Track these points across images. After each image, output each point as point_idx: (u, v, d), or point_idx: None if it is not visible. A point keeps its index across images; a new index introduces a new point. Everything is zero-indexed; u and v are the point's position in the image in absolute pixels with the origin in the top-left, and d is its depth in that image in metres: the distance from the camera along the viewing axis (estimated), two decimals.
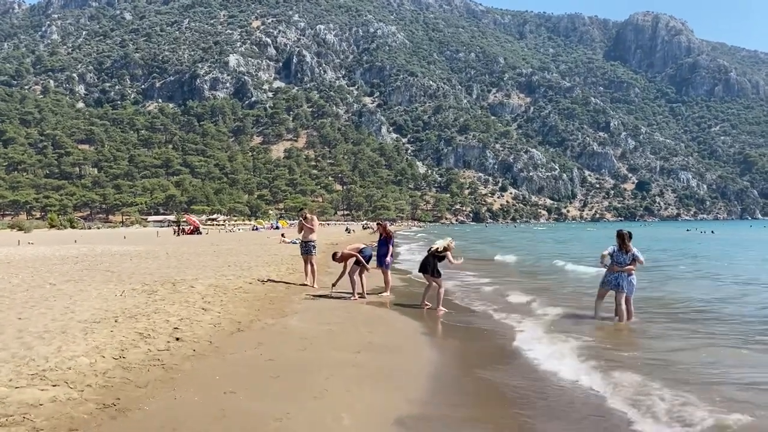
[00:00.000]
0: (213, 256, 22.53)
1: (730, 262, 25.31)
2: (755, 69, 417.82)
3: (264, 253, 25.27)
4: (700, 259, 27.43)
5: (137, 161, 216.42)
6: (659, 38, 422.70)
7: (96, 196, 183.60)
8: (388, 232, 12.83)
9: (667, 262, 24.85)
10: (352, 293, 11.92)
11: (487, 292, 13.87)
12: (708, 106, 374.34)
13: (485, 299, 12.60)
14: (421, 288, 12.01)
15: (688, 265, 23.83)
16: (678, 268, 21.80)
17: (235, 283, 12.74)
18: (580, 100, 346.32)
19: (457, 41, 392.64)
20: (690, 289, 14.90)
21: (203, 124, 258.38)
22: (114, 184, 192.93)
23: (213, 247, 30.87)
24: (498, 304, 11.87)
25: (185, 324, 8.18)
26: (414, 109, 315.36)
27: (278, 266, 17.78)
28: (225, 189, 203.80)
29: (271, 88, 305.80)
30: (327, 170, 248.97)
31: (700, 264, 24.32)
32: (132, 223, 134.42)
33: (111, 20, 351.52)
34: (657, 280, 16.34)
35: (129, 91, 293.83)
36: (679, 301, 12.53)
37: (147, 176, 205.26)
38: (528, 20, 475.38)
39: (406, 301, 11.81)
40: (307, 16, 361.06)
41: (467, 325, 9.64)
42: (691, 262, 25.87)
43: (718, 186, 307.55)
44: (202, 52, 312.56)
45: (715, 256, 30.46)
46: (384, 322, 9.75)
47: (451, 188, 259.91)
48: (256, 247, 30.11)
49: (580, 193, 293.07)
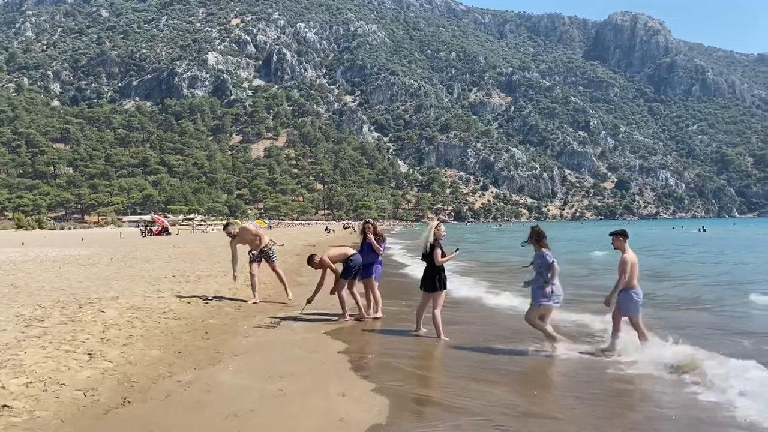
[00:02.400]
0: (164, 261, 20.07)
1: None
2: (731, 69, 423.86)
3: (228, 257, 22.64)
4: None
5: (114, 160, 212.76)
6: (638, 38, 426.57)
7: (71, 196, 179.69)
8: (377, 234, 9.79)
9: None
10: (341, 314, 9.50)
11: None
12: (685, 105, 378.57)
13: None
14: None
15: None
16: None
17: (168, 303, 10.17)
18: (560, 100, 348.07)
19: (438, 40, 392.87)
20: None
21: (181, 123, 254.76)
22: (90, 184, 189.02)
23: (172, 250, 28.51)
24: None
25: (34, 390, 5.10)
26: (395, 108, 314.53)
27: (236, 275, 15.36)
28: (203, 188, 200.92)
29: (251, 86, 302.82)
30: (308, 169, 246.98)
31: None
32: (107, 223, 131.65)
33: (87, 17, 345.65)
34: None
35: (105, 89, 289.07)
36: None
37: (124, 176, 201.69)
38: (508, 20, 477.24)
39: (406, 327, 8.85)
40: (287, 14, 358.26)
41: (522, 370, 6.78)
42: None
43: (696, 185, 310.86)
44: (181, 49, 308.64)
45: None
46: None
47: (433, 187, 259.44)
48: (222, 250, 27.56)
49: (561, 191, 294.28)
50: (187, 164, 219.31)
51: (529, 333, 7.85)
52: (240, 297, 11.65)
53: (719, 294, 14.06)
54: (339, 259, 9.65)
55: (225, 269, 16.09)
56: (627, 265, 7.13)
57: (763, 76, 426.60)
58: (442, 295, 8.25)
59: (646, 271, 16.20)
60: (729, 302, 12.65)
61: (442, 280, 8.18)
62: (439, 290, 8.14)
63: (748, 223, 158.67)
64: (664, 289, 15.04)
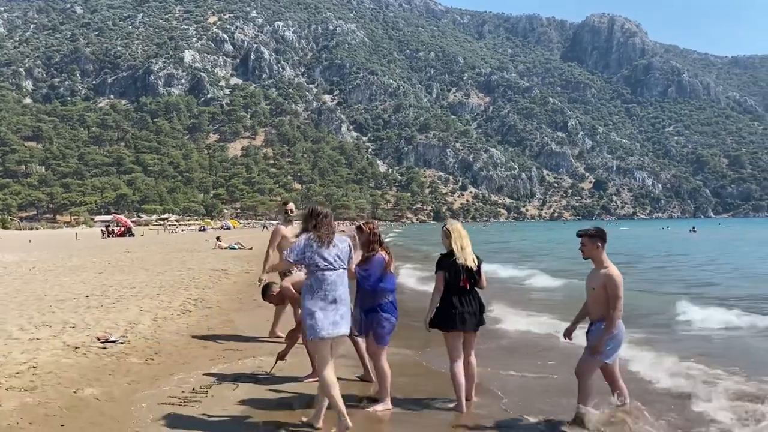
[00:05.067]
0: (97, 271, 17.18)
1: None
2: (706, 71, 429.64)
3: (181, 264, 19.97)
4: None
5: (87, 159, 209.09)
6: (615, 40, 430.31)
7: (43, 196, 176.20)
8: (384, 249, 5.67)
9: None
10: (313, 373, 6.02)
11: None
12: (662, 106, 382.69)
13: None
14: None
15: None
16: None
17: (39, 352, 6.79)
18: (538, 100, 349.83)
19: (417, 40, 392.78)
20: None
21: (157, 121, 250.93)
22: (62, 183, 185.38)
23: (121, 254, 25.67)
24: None
25: None
26: (374, 108, 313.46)
27: (174, 294, 11.79)
28: (179, 188, 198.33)
29: (228, 84, 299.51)
30: (286, 169, 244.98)
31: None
32: (78, 223, 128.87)
33: (61, 14, 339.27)
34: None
35: (79, 87, 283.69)
36: None
37: (97, 175, 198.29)
38: (487, 20, 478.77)
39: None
40: (265, 12, 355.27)
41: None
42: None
43: (672, 185, 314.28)
44: (157, 47, 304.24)
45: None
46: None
47: (412, 187, 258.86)
48: (180, 255, 25.06)
49: (539, 192, 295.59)
50: (162, 163, 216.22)
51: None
52: (166, 333, 8.17)
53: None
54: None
55: (165, 283, 13.35)
56: (621, 289, 4.87)
57: (737, 79, 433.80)
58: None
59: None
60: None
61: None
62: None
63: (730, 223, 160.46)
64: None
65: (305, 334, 5.00)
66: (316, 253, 4.67)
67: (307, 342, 5.21)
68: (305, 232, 4.77)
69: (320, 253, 4.67)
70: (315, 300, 4.58)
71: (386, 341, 5.46)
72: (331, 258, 4.67)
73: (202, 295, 11.72)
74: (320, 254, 4.67)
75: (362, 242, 5.55)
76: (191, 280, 13.11)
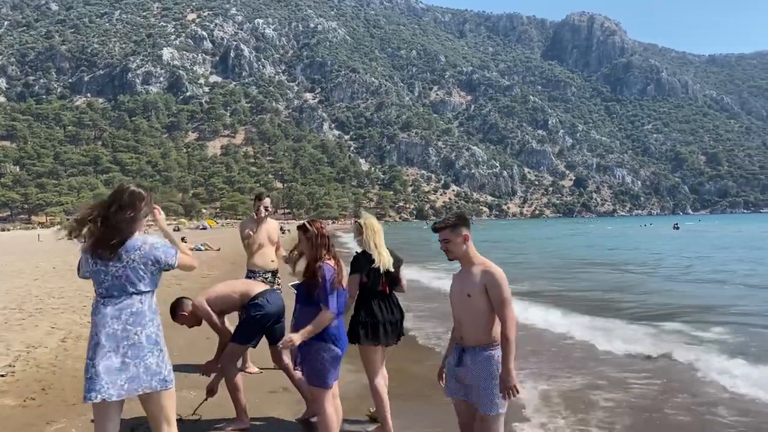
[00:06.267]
0: (34, 277, 15.56)
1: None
2: (684, 69, 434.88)
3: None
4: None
5: (63, 159, 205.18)
6: (594, 38, 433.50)
7: (17, 196, 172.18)
8: (332, 257, 4.23)
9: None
10: (238, 417, 4.89)
11: None
12: (641, 104, 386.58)
13: None
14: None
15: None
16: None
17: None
18: (519, 99, 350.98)
19: (399, 38, 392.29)
20: None
21: (135, 120, 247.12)
22: (37, 183, 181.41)
23: (76, 258, 21.15)
24: None
25: None
26: (356, 106, 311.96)
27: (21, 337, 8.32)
28: (158, 187, 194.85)
29: (208, 82, 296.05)
30: (266, 167, 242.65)
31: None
32: (54, 224, 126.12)
33: (35, 10, 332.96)
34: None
35: (55, 85, 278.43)
36: None
37: (74, 174, 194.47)
38: (468, 19, 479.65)
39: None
40: (244, 9, 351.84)
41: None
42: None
43: (651, 182, 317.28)
44: (134, 45, 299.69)
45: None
46: None
47: (395, 185, 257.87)
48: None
49: (520, 190, 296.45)
50: (140, 162, 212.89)
51: None
52: (71, 359, 6.68)
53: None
54: (232, 303, 5.02)
55: (34, 310, 10.88)
56: (508, 289, 3.43)
57: (714, 77, 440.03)
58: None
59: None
60: None
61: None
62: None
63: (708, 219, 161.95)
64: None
65: (227, 368, 4.48)
66: (90, 270, 3.17)
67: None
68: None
69: (94, 268, 3.15)
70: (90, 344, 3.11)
71: (329, 381, 3.99)
72: (107, 277, 3.11)
73: (70, 330, 9.19)
74: (93, 271, 3.16)
75: (306, 247, 4.14)
76: (63, 304, 10.93)
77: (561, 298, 14.19)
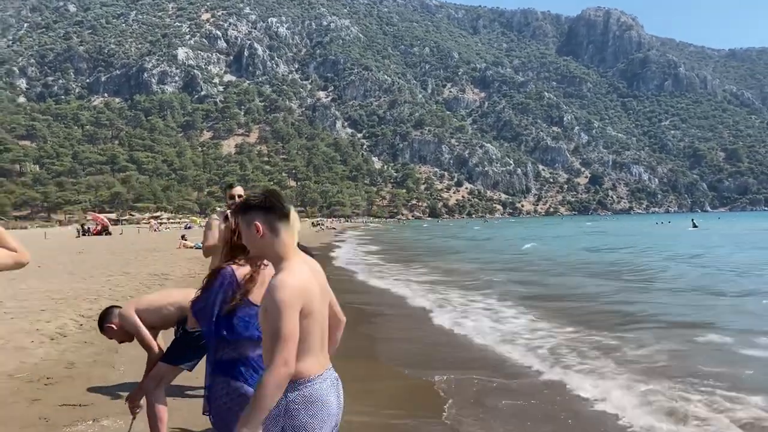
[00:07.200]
0: (7, 279, 13.37)
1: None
2: (702, 64, 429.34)
3: (120, 268, 17.08)
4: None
5: (81, 158, 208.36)
6: (610, 33, 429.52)
7: (37, 195, 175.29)
8: (245, 260, 2.93)
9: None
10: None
11: None
12: (658, 100, 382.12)
13: None
14: None
15: None
16: None
17: None
18: (533, 95, 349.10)
19: (412, 36, 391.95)
20: None
21: (151, 119, 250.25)
22: (56, 182, 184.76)
23: (71, 256, 22.67)
24: None
25: None
26: (369, 104, 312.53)
27: (66, 310, 9.08)
28: (173, 186, 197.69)
29: (222, 81, 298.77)
30: (280, 166, 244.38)
31: None
32: (70, 222, 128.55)
33: (54, 12, 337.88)
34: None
35: (73, 86, 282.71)
36: None
37: (92, 173, 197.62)
38: (481, 15, 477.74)
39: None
40: (258, 8, 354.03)
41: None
42: None
43: (668, 179, 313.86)
44: (150, 45, 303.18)
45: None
46: None
47: (407, 183, 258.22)
48: (134, 256, 22.47)
49: (535, 187, 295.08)
50: (156, 161, 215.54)
51: None
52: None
53: None
54: (166, 317, 4.17)
55: (72, 293, 10.67)
56: (286, 314, 2.15)
57: (734, 72, 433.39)
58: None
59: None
60: None
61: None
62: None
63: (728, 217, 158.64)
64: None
65: (148, 391, 3.69)
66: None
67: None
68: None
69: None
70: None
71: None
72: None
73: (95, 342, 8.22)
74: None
75: (223, 241, 2.99)
76: (111, 289, 10.43)
77: None
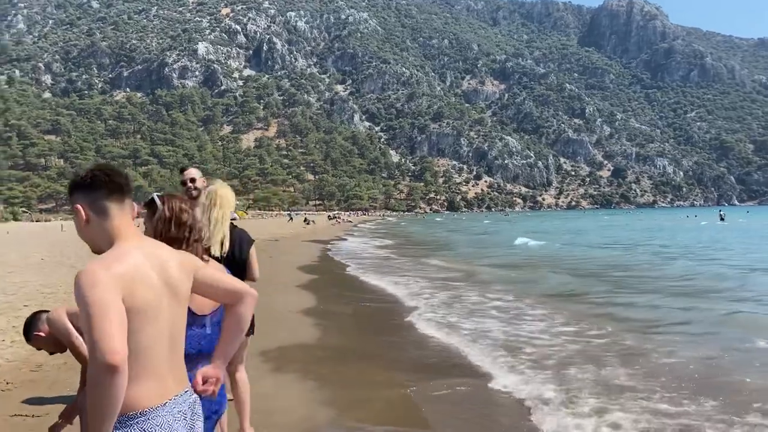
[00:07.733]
0: (7, 271, 14.39)
1: None
2: (730, 54, 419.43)
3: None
4: None
5: (104, 152, 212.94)
6: (634, 23, 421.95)
7: (61, 188, 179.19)
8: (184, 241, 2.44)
9: None
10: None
11: None
12: (683, 91, 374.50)
13: None
14: None
15: None
16: None
17: None
18: (554, 87, 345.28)
19: (430, 28, 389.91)
20: None
21: (172, 114, 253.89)
22: None
23: (78, 249, 21.36)
24: None
25: None
26: (387, 97, 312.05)
27: (54, 303, 8.65)
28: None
29: (241, 76, 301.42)
30: (298, 159, 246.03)
31: None
32: None
33: (78, 9, 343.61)
34: None
35: (96, 81, 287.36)
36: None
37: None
38: (501, 6, 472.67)
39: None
40: (277, 2, 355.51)
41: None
42: None
43: (694, 172, 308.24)
44: (171, 40, 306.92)
45: None
46: None
47: (425, 177, 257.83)
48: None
49: (556, 180, 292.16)
50: (177, 155, 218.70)
51: None
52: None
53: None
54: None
55: (64, 287, 10.26)
56: (94, 301, 1.66)
57: (764, 61, 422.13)
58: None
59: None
60: None
61: None
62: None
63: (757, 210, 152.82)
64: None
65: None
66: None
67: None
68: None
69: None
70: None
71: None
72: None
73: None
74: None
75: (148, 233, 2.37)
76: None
77: None
